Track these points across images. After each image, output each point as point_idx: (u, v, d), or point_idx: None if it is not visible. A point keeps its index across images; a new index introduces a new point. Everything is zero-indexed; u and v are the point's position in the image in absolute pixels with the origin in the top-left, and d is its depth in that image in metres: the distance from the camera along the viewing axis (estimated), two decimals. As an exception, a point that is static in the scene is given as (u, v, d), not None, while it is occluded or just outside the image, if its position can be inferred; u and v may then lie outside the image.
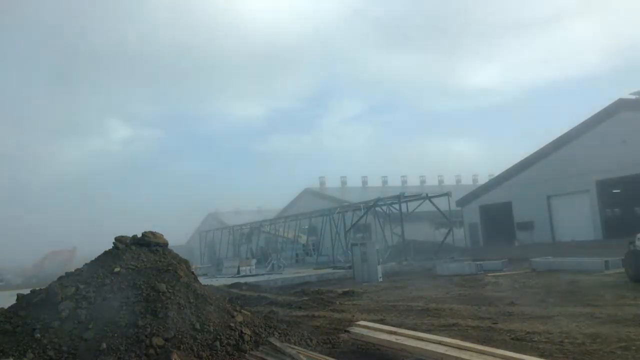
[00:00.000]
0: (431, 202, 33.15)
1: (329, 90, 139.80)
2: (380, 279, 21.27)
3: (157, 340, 7.46)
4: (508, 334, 8.72)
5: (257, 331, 8.44)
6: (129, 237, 9.81)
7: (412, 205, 34.68)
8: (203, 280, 13.23)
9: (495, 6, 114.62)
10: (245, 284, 21.36)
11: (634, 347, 7.32)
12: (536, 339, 8.26)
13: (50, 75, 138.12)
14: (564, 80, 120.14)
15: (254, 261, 33.88)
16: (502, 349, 6.72)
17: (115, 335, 7.53)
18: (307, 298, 15.69)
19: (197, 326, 7.95)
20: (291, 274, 27.26)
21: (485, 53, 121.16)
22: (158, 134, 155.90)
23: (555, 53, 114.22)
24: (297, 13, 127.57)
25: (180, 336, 7.67)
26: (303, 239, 43.14)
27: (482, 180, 59.49)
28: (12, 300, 8.93)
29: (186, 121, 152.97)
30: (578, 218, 35.75)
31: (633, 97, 34.82)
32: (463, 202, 44.92)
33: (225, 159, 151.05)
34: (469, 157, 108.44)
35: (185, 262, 10.07)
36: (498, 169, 46.45)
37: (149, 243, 9.72)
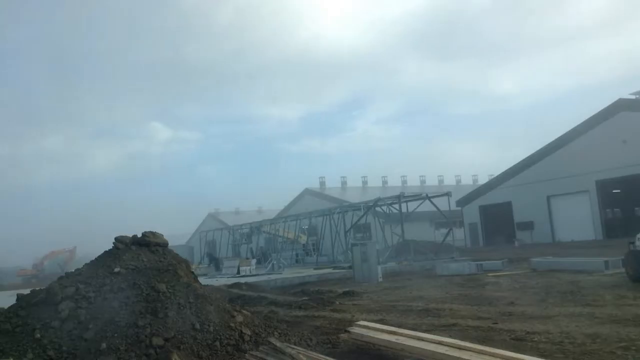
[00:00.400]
0: (431, 202, 33.14)
1: (362, 96, 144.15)
2: (380, 279, 21.26)
3: (157, 340, 7.46)
4: (508, 334, 8.72)
5: (257, 331, 8.44)
6: (129, 237, 9.80)
7: (412, 205, 34.69)
8: (203, 280, 13.23)
9: (523, 20, 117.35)
10: (245, 284, 21.36)
11: (634, 347, 7.31)
12: (536, 339, 8.26)
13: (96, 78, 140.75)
14: (583, 89, 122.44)
15: (254, 261, 33.89)
16: (502, 349, 6.72)
17: (115, 335, 7.53)
18: (307, 298, 15.69)
19: (197, 326, 7.95)
20: (291, 274, 27.25)
21: (511, 62, 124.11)
22: (195, 136, 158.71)
23: (579, 64, 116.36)
24: (338, 23, 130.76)
25: (180, 336, 7.67)
26: (303, 239, 43.15)
27: (482, 180, 59.63)
28: (12, 300, 8.93)
29: (224, 125, 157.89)
30: (578, 218, 35.81)
31: (633, 97, 34.86)
32: (463, 202, 45.01)
33: (252, 159, 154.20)
34: (481, 158, 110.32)
35: (185, 262, 10.07)
36: (498, 169, 46.65)
37: (149, 243, 9.70)
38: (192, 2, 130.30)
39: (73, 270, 9.44)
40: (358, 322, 9.24)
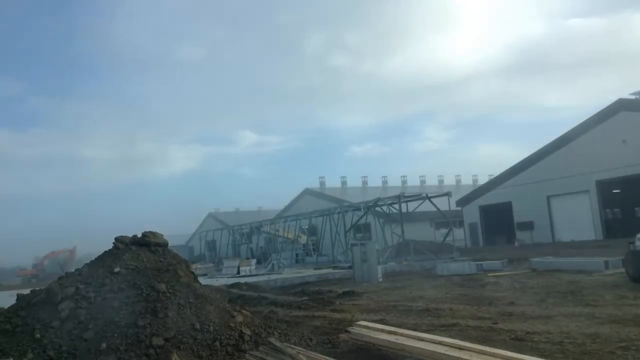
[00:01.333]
0: (431, 202, 33.13)
1: (429, 110, 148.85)
2: (380, 279, 21.27)
3: (157, 340, 7.46)
4: (508, 334, 8.72)
5: (257, 331, 8.43)
6: (128, 237, 9.81)
7: (412, 206, 34.69)
8: (203, 280, 13.23)
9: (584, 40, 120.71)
10: (245, 284, 21.36)
11: (634, 347, 7.32)
12: (536, 339, 8.26)
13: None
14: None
15: (254, 261, 33.90)
16: (502, 349, 6.72)
17: (115, 335, 7.53)
18: (307, 298, 15.69)
19: (197, 326, 7.95)
20: (291, 274, 27.26)
21: (568, 78, 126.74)
22: (274, 140, 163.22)
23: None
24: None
25: (180, 336, 7.67)
26: (303, 239, 43.16)
27: (482, 180, 59.62)
28: (12, 300, 8.93)
29: (301, 133, 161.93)
30: (578, 218, 35.81)
31: (633, 97, 34.86)
32: (463, 202, 45.00)
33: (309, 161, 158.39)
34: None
35: (185, 262, 10.08)
36: (498, 170, 46.67)
37: (149, 243, 9.71)
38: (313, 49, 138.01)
39: (73, 270, 9.45)
40: (358, 322, 9.24)
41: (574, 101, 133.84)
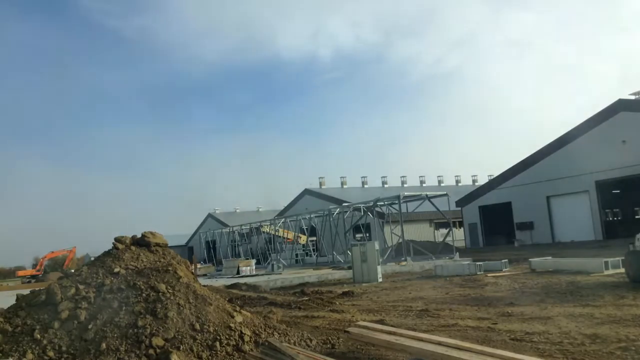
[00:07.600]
0: (431, 202, 33.12)
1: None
2: (380, 280, 21.28)
3: (157, 341, 7.46)
4: (507, 335, 8.73)
5: (257, 331, 8.44)
6: (128, 237, 9.82)
7: (411, 206, 34.69)
8: (203, 281, 13.25)
9: None
10: (245, 284, 21.37)
11: (633, 348, 7.32)
12: (535, 339, 8.27)
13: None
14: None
15: (253, 261, 33.91)
16: (502, 349, 6.74)
17: (115, 335, 7.54)
18: (306, 298, 15.71)
19: (197, 326, 7.96)
20: (291, 274, 27.26)
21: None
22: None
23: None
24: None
25: (180, 336, 7.68)
26: (303, 239, 43.15)
27: (482, 180, 59.69)
28: (12, 300, 8.94)
29: None
30: (578, 218, 35.84)
31: (633, 97, 34.87)
32: (463, 202, 45.01)
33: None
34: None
35: (185, 262, 10.09)
36: (498, 170, 46.64)
37: (149, 243, 9.72)
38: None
39: (73, 271, 9.45)
40: (358, 323, 9.26)
41: None
